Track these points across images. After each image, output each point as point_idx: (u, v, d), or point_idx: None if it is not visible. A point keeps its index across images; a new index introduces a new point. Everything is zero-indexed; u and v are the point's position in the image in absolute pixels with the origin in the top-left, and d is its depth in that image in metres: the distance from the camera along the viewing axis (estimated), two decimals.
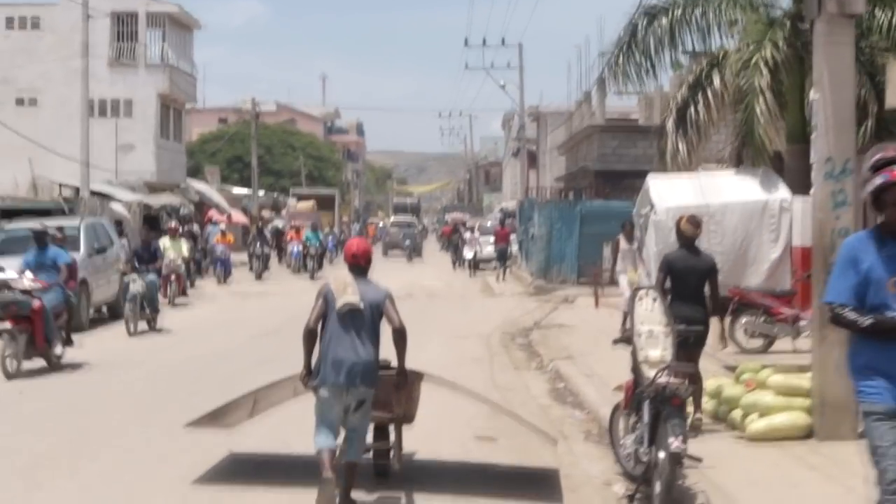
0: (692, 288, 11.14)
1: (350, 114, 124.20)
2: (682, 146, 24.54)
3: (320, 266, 40.01)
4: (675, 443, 8.01)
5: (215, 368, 16.24)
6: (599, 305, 26.20)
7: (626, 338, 9.21)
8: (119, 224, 36.52)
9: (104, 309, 24.24)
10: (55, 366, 15.97)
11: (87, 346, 17.97)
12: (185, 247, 28.47)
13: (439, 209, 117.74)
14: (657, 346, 8.84)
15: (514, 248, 42.05)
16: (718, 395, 11.56)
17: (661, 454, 8.21)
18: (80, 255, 22.28)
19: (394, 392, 8.84)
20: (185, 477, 9.50)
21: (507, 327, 22.85)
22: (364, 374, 8.39)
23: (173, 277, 27.10)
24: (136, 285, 21.14)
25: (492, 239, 41.56)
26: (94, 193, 37.59)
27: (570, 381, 15.05)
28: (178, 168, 51.82)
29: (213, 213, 48.93)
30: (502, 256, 39.32)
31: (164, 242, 27.04)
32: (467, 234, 43.25)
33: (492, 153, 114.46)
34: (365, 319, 8.45)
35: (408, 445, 9.63)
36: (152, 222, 39.44)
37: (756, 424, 10.63)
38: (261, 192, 70.14)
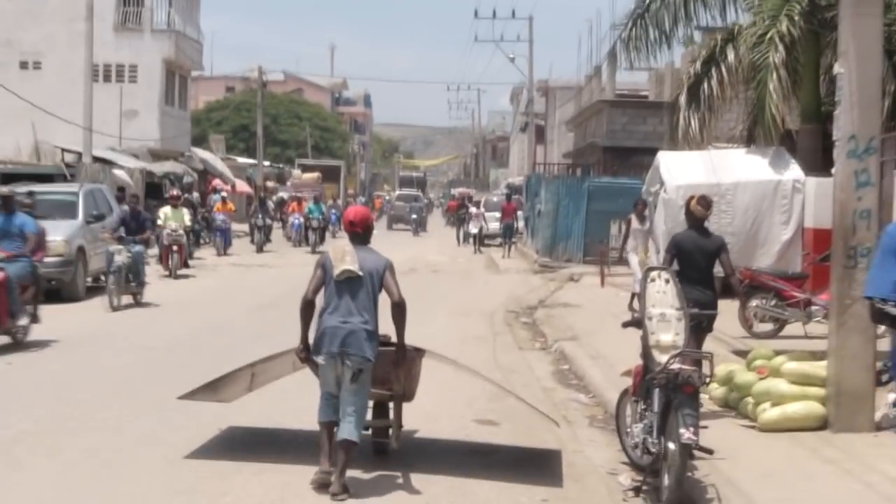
0: (701, 270, 10.81)
1: (358, 85, 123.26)
2: (694, 122, 24.14)
3: (322, 239, 38.87)
4: (686, 433, 7.55)
5: (194, 346, 15.41)
6: (605, 284, 25.77)
7: (637, 321, 8.75)
8: (122, 191, 36.10)
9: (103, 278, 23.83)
10: (19, 342, 14.87)
11: (62, 320, 17.20)
12: (186, 216, 27.30)
13: (445, 183, 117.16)
14: (669, 330, 8.38)
15: (521, 224, 41.57)
16: (729, 381, 11.11)
17: (672, 445, 7.76)
18: (77, 223, 21.91)
19: (392, 368, 8.57)
20: (172, 455, 9.09)
21: (511, 305, 22.40)
22: (360, 343, 8.13)
23: (175, 248, 26.00)
24: (121, 256, 19.78)
25: (497, 214, 41.14)
26: (96, 159, 37.13)
27: (575, 362, 14.61)
28: (182, 136, 51.29)
29: (217, 183, 48.42)
30: (508, 232, 38.96)
31: (165, 212, 26.36)
32: (473, 210, 42.59)
33: (499, 127, 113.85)
34: (363, 288, 8.22)
35: (408, 424, 9.36)
36: (154, 190, 39.18)
37: (769, 413, 10.18)
38: (266, 163, 69.71)
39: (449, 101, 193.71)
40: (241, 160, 65.69)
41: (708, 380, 8.34)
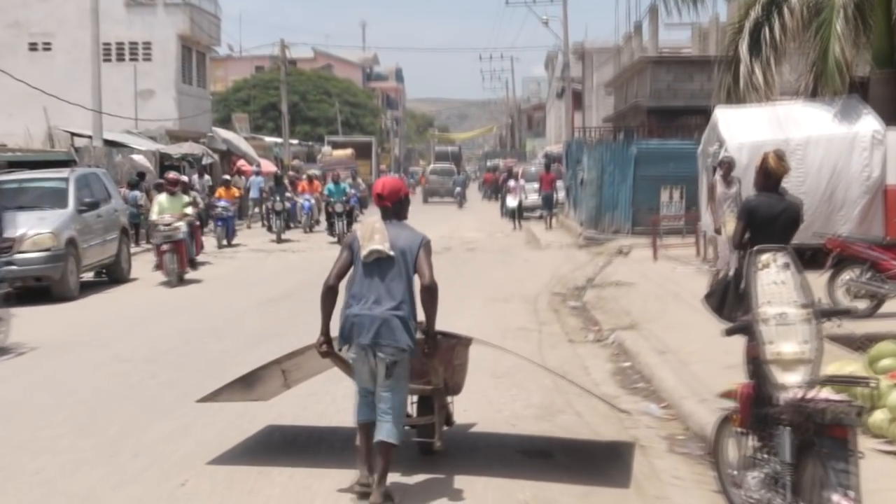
0: (777, 240, 8.35)
1: (389, 59, 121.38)
2: (758, 71, 21.76)
3: (349, 227, 30.95)
4: (841, 502, 5.07)
5: (183, 354, 13.38)
6: (658, 258, 23.25)
7: (743, 325, 6.27)
8: (142, 176, 33.84)
9: (103, 273, 21.65)
10: None
11: (42, 324, 15.31)
12: (187, 205, 21.75)
13: (480, 156, 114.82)
14: (793, 338, 5.91)
15: (561, 194, 39.04)
16: (847, 388, 8.55)
17: None
18: (67, 212, 19.64)
19: (426, 359, 7.58)
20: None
21: (556, 286, 19.93)
22: (392, 332, 7.16)
23: (165, 247, 20.51)
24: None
25: (536, 185, 38.67)
26: (108, 143, 34.97)
27: (639, 358, 12.10)
28: (202, 116, 48.83)
29: (241, 164, 46.24)
30: (548, 204, 36.67)
31: (160, 201, 21.46)
32: (511, 182, 39.70)
33: (534, 95, 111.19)
34: (395, 269, 7.26)
35: (462, 418, 8.74)
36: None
37: None
38: (294, 141, 67.50)
39: (482, 71, 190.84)
40: (269, 139, 63.57)
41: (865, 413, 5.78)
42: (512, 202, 37.98)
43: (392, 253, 7.24)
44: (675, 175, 27.77)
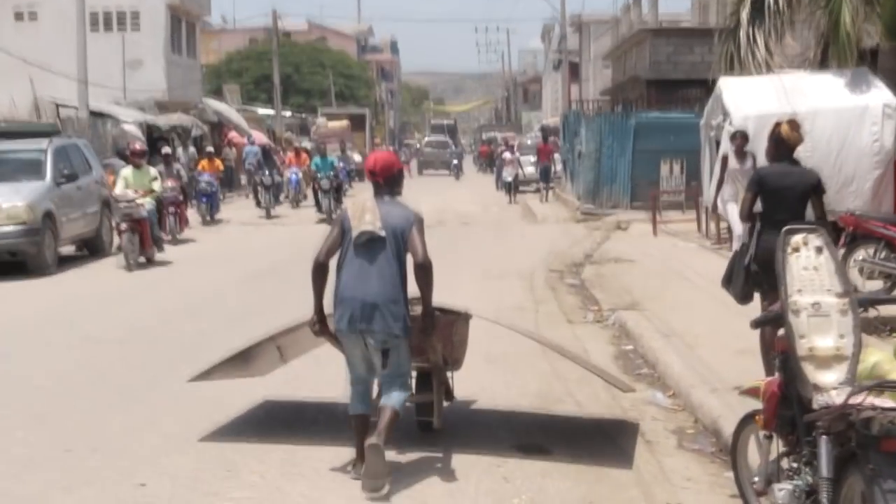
0: (791, 212, 8.16)
1: (384, 31, 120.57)
2: (759, 40, 21.01)
3: (339, 201, 29.13)
4: None
5: (156, 337, 12.65)
6: (658, 233, 22.52)
7: (772, 317, 5.52)
8: None
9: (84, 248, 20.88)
10: None
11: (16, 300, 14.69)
12: (155, 180, 19.70)
13: (476, 128, 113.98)
14: (829, 331, 5.16)
15: (558, 167, 38.24)
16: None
17: None
18: (43, 184, 18.84)
19: (423, 337, 7.28)
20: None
21: (553, 262, 19.16)
22: (383, 318, 6.88)
23: (124, 226, 18.31)
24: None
25: (532, 158, 37.88)
26: (94, 114, 34.14)
27: (642, 341, 11.36)
28: (192, 86, 47.83)
29: (233, 135, 45.38)
30: (545, 176, 35.91)
31: (126, 175, 19.50)
32: (507, 155, 38.79)
33: (531, 67, 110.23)
34: (386, 250, 6.99)
35: (470, 382, 8.67)
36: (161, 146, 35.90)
37: None
38: (287, 113, 66.60)
39: (478, 43, 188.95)
40: (261, 111, 62.67)
41: None
42: (508, 176, 37.15)
43: (383, 233, 6.97)
44: (676, 148, 27.02)
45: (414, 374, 7.74)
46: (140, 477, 7.01)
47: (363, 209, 7.05)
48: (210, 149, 33.81)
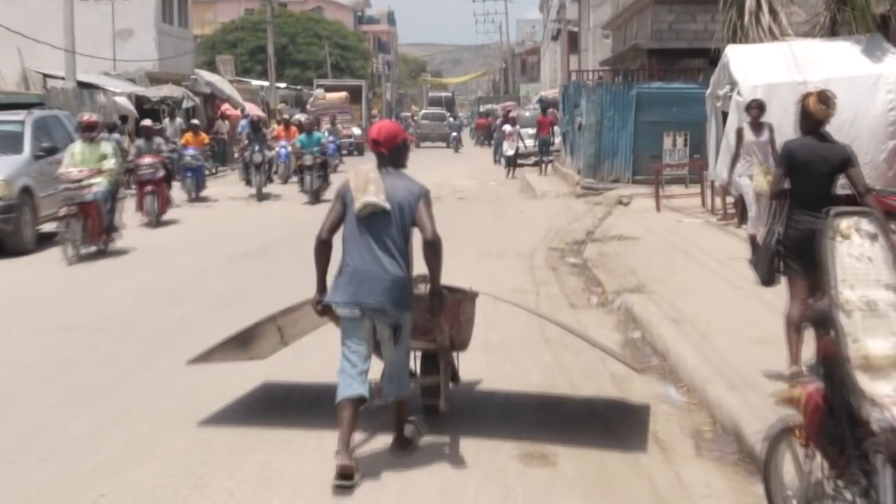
0: (821, 189, 7.94)
1: (381, 2, 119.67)
2: (765, 7, 20.39)
3: (325, 180, 26.92)
4: None
5: (134, 322, 11.86)
6: (661, 209, 21.76)
7: (819, 315, 4.75)
8: (124, 119, 32.13)
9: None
10: None
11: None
12: (108, 157, 16.87)
13: (473, 100, 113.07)
14: (884, 333, 4.41)
15: (557, 140, 37.39)
16: None
17: None
18: (22, 158, 18.06)
19: (430, 317, 6.97)
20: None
21: (553, 240, 18.41)
22: (391, 293, 6.58)
23: (65, 211, 16.16)
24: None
25: (531, 131, 37.01)
26: (82, 85, 33.26)
27: (650, 329, 10.60)
28: (184, 57, 46.92)
29: (225, 107, 44.46)
30: (544, 148, 35.13)
31: (73, 151, 16.93)
32: (507, 128, 37.81)
33: (529, 38, 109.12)
34: (392, 224, 6.65)
35: (467, 373, 8.24)
36: (151, 117, 34.95)
37: None
38: (282, 85, 65.64)
39: (475, 13, 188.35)
40: (256, 83, 61.72)
41: None
42: (509, 150, 36.17)
43: (388, 206, 6.63)
44: (679, 120, 26.24)
45: (419, 354, 7.61)
46: (97, 489, 6.26)
47: (366, 180, 6.69)
48: (195, 121, 31.63)
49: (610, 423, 7.66)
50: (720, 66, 19.43)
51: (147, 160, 21.14)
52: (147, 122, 23.85)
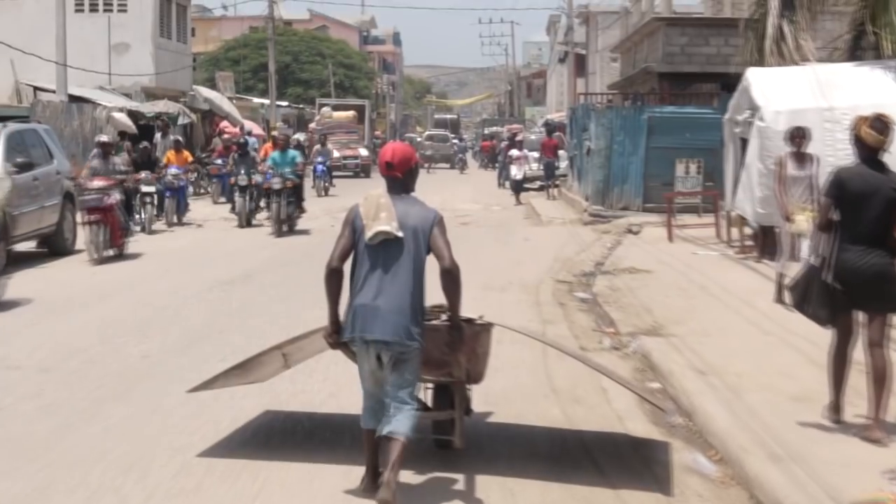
0: (874, 222, 7.37)
1: (387, 22, 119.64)
2: (788, 31, 19.44)
3: (298, 207, 23.79)
4: None
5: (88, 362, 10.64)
6: (674, 238, 20.59)
7: None
8: (122, 136, 30.93)
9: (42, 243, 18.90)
10: None
11: None
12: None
13: (478, 122, 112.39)
14: None
15: (563, 164, 36.27)
16: None
17: None
18: None
19: (448, 351, 6.73)
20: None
21: (560, 271, 17.24)
22: (397, 327, 6.26)
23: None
24: None
25: (536, 154, 35.92)
26: (74, 99, 32.24)
27: (672, 379, 9.39)
28: (183, 73, 45.83)
29: (224, 125, 43.36)
30: (549, 172, 34.07)
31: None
32: (514, 152, 36.59)
33: (535, 60, 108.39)
34: (404, 252, 6.35)
35: (480, 405, 7.83)
36: (146, 134, 33.75)
37: None
38: (284, 103, 64.68)
39: (481, 35, 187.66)
40: (257, 100, 60.75)
41: None
42: (518, 174, 34.83)
43: (401, 234, 6.33)
44: (692, 146, 25.19)
45: (431, 388, 7.38)
46: None
47: (377, 207, 6.38)
48: (177, 138, 29.11)
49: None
50: (740, 90, 18.35)
51: (96, 184, 18.14)
52: (104, 137, 20.64)
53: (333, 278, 6.42)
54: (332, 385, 9.01)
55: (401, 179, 6.53)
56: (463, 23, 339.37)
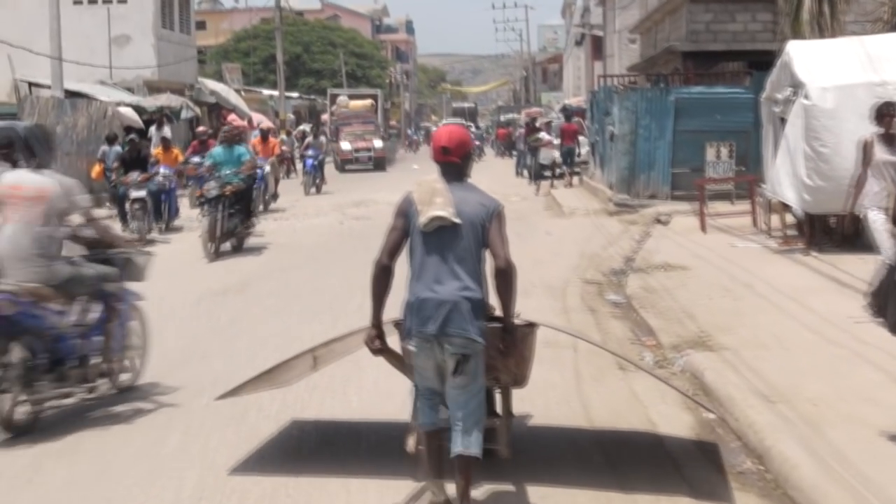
0: None
1: (399, 10, 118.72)
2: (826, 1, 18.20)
3: (245, 225, 18.66)
4: None
5: None
6: (707, 228, 19.04)
7: None
8: (128, 131, 29.53)
9: None
10: None
11: None
12: None
13: (493, 110, 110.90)
14: None
15: (583, 150, 34.76)
16: None
17: None
18: None
19: (498, 355, 6.11)
20: None
21: (587, 269, 15.74)
22: (461, 319, 5.75)
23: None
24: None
25: (557, 141, 34.44)
26: (71, 94, 30.91)
27: (732, 408, 7.82)
28: (187, 66, 44.41)
29: (232, 118, 42.03)
30: (569, 158, 32.71)
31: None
32: (544, 135, 35.13)
33: (551, 44, 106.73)
34: (462, 241, 5.84)
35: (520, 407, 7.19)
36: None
37: None
38: (294, 94, 63.38)
39: (495, 21, 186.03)
40: (267, 92, 59.46)
41: None
42: (545, 159, 33.30)
43: (458, 220, 5.88)
44: (723, 128, 23.70)
45: None
46: None
47: (432, 192, 5.97)
48: (165, 135, 26.74)
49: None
50: (780, 66, 16.81)
51: None
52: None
53: (382, 276, 5.95)
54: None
55: (458, 164, 6.10)
56: (476, 8, 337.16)
